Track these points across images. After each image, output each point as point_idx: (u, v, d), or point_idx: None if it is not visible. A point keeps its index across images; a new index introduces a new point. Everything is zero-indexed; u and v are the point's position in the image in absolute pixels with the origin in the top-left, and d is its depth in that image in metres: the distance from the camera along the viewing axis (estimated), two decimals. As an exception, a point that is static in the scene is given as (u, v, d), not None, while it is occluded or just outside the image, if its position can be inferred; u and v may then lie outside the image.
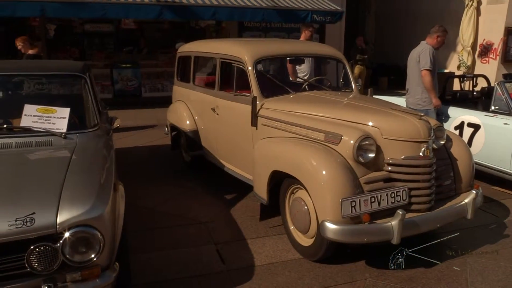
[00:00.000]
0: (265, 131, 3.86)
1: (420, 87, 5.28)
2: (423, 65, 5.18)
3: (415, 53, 5.38)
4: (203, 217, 4.24)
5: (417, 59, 5.28)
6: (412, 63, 5.38)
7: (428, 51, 5.23)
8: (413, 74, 5.39)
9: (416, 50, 5.41)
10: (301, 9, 9.87)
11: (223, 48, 4.74)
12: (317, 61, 5.57)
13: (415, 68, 5.32)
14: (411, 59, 5.43)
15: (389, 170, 3.20)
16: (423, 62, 5.19)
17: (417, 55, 5.30)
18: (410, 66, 5.46)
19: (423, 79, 5.20)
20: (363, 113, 3.47)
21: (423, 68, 5.18)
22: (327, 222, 2.96)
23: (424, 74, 5.18)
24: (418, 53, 5.29)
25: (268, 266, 3.36)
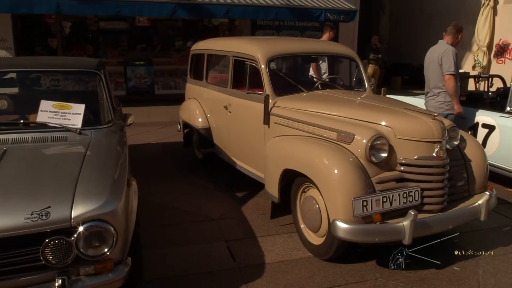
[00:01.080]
0: (277, 129, 3.87)
1: (443, 90, 4.96)
2: (447, 69, 4.84)
3: (435, 54, 5.01)
4: (215, 214, 4.27)
5: (439, 61, 4.91)
6: (433, 65, 5.01)
7: (451, 53, 4.88)
8: (433, 77, 5.03)
9: (437, 50, 5.03)
10: (315, 7, 9.83)
11: (236, 46, 4.75)
12: (330, 60, 5.55)
13: (437, 70, 4.96)
14: (432, 60, 5.05)
15: (401, 170, 3.19)
16: (446, 66, 4.85)
17: (438, 57, 4.92)
18: (430, 68, 5.08)
19: (447, 84, 4.88)
20: (376, 112, 3.46)
21: (447, 72, 4.84)
22: (338, 221, 2.95)
23: (448, 78, 4.85)
24: (440, 54, 4.92)
25: (278, 264, 3.37)
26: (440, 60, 4.90)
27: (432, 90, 5.10)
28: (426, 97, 5.25)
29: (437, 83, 5.00)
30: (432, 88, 5.08)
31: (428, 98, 5.18)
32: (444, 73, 4.87)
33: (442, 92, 4.98)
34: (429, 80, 5.14)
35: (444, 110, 4.91)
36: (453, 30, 5.11)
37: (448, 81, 4.88)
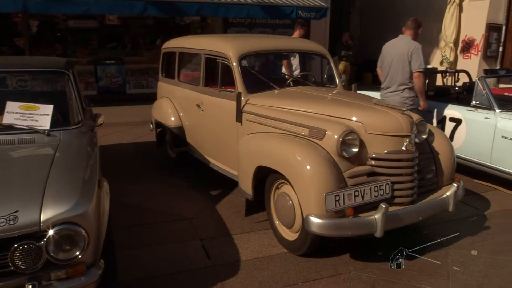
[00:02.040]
0: (250, 126, 3.88)
1: (408, 86, 5.00)
2: (418, 66, 4.88)
3: (402, 50, 4.97)
4: (189, 213, 4.25)
5: (408, 58, 4.91)
6: (400, 61, 4.97)
7: (420, 50, 4.92)
8: (400, 73, 5.00)
9: (402, 46, 5.01)
10: (286, 5, 9.88)
11: (207, 44, 4.74)
12: (302, 57, 5.60)
13: (405, 67, 4.95)
14: (398, 56, 5.00)
15: (372, 164, 3.25)
16: (417, 63, 4.88)
17: (408, 53, 4.91)
18: (395, 63, 5.03)
19: (417, 81, 4.93)
20: (347, 108, 3.51)
21: (418, 69, 4.88)
22: (311, 216, 2.99)
23: (418, 75, 4.90)
24: (409, 51, 4.91)
25: (253, 261, 3.38)
26: (410, 57, 4.91)
27: (395, 85, 5.06)
28: (386, 92, 5.18)
29: (404, 80, 5.00)
30: (399, 84, 5.04)
31: (390, 93, 5.11)
32: (415, 70, 4.92)
33: (408, 89, 5.02)
34: (393, 75, 5.08)
35: (408, 106, 4.88)
36: (414, 25, 5.14)
37: (418, 78, 4.94)
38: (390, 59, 5.11)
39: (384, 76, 5.21)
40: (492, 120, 4.78)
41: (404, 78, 5.00)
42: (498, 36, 11.98)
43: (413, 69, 4.93)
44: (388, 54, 5.16)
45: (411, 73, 4.95)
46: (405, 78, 4.99)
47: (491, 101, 4.90)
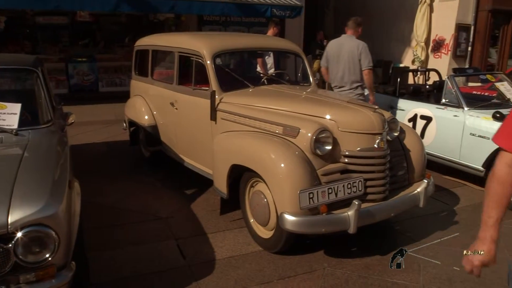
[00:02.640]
0: (224, 125, 3.87)
1: (360, 84, 5.22)
2: (367, 64, 5.12)
3: (352, 49, 5.14)
4: (163, 212, 4.21)
5: (358, 56, 5.11)
6: (350, 59, 5.16)
7: (367, 48, 5.16)
8: (351, 71, 5.17)
9: (350, 45, 5.18)
10: (261, 3, 9.89)
11: (181, 42, 4.70)
12: (276, 56, 5.62)
13: (356, 65, 5.15)
14: (348, 55, 5.16)
15: (345, 161, 3.29)
16: (366, 61, 5.12)
17: (357, 52, 5.11)
18: (344, 62, 5.18)
19: (367, 78, 5.15)
20: (320, 106, 3.55)
21: (368, 67, 5.12)
22: (286, 214, 3.01)
23: (368, 72, 5.14)
24: (359, 50, 5.12)
25: (229, 260, 3.38)
26: (359, 55, 5.11)
27: (350, 84, 5.22)
28: (340, 91, 5.27)
29: (356, 78, 5.18)
30: (352, 82, 5.20)
31: (346, 92, 5.21)
32: (365, 68, 5.12)
33: (360, 86, 5.24)
34: (345, 74, 5.21)
35: None
36: (354, 25, 5.33)
37: (368, 75, 5.16)
38: (339, 58, 5.25)
39: (333, 75, 5.34)
40: (461, 117, 4.91)
41: (356, 76, 5.19)
42: (467, 36, 12.31)
43: (363, 67, 5.13)
44: (335, 54, 5.29)
45: (361, 71, 5.15)
46: (357, 76, 5.19)
47: (460, 99, 5.03)
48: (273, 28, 6.64)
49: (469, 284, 3.12)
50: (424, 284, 3.12)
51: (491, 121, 4.63)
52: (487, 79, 5.74)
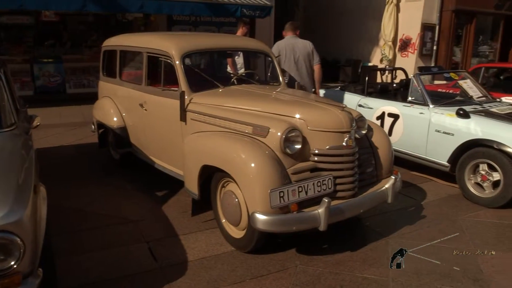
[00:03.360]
0: (194, 125, 3.85)
1: (311, 79, 5.80)
2: (318, 60, 5.77)
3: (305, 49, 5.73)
4: (134, 215, 4.15)
5: (310, 55, 5.72)
6: (306, 58, 5.72)
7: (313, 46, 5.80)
8: (307, 69, 5.75)
9: (302, 45, 5.77)
10: (231, 3, 9.88)
11: (149, 42, 4.64)
12: (246, 55, 5.62)
13: (309, 62, 5.75)
14: (303, 54, 5.71)
15: (315, 160, 3.33)
16: (317, 58, 5.77)
17: (310, 51, 5.74)
18: (301, 61, 5.70)
19: (318, 72, 5.80)
20: (290, 105, 3.57)
21: (319, 62, 5.78)
22: (257, 213, 3.02)
23: (319, 67, 5.79)
24: (311, 49, 5.75)
25: (201, 261, 3.37)
26: (312, 53, 5.77)
27: (304, 80, 5.73)
28: None
29: (309, 74, 5.80)
30: (308, 79, 5.79)
31: None
32: (317, 63, 5.80)
33: (310, 81, 5.84)
34: (302, 72, 5.74)
35: None
36: (292, 27, 5.95)
37: (319, 70, 5.83)
38: (295, 57, 5.72)
39: (292, 73, 5.73)
40: (426, 115, 5.05)
41: (309, 72, 5.81)
42: (432, 35, 12.67)
43: (315, 63, 5.80)
44: (290, 53, 5.73)
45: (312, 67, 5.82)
46: (310, 72, 5.82)
47: (425, 97, 5.16)
48: (242, 28, 6.67)
49: (435, 276, 3.21)
50: (393, 277, 3.19)
51: (455, 118, 4.77)
52: (450, 77, 5.91)
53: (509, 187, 4.32)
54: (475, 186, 4.65)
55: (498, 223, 4.19)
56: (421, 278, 3.19)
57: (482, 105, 5.14)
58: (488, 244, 3.75)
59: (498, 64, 11.95)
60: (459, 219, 4.23)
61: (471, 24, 13.55)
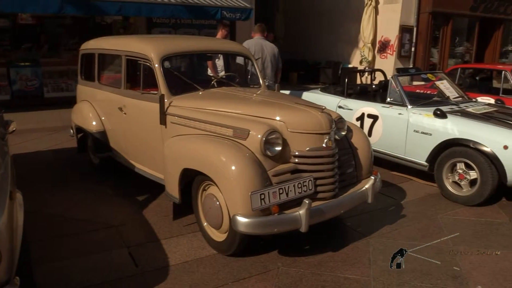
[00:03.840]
0: (175, 129, 3.83)
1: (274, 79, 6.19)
2: (281, 65, 6.26)
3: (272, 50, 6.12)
4: (114, 220, 4.10)
5: (276, 56, 6.11)
6: (272, 59, 6.08)
7: None
8: (271, 67, 6.09)
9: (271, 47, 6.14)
10: (211, 5, 9.87)
11: (128, 45, 4.60)
12: (226, 58, 5.62)
13: (275, 63, 6.12)
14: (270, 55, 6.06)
15: (295, 162, 3.34)
16: (280, 61, 6.25)
17: (276, 52, 6.13)
18: (268, 61, 6.01)
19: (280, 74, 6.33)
20: (270, 108, 3.58)
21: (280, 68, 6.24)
22: (238, 216, 3.02)
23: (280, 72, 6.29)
24: (276, 51, 6.14)
25: (183, 265, 3.35)
26: (277, 56, 6.18)
27: (270, 79, 6.06)
28: None
29: (274, 74, 6.19)
30: (273, 78, 6.14)
31: None
32: (280, 66, 6.24)
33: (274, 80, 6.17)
34: (268, 72, 6.07)
35: None
36: (261, 29, 6.31)
37: (280, 72, 6.34)
38: (262, 57, 6.02)
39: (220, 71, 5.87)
40: (405, 115, 5.12)
41: (274, 73, 6.19)
42: (410, 37, 12.88)
43: (279, 66, 6.22)
44: (257, 52, 6.00)
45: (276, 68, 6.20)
46: (274, 73, 6.20)
47: (404, 98, 5.24)
48: (221, 31, 6.67)
49: (416, 275, 3.26)
50: (374, 277, 3.22)
51: (432, 118, 4.86)
52: (428, 78, 6.02)
53: (486, 185, 4.42)
54: (453, 185, 4.74)
55: (476, 220, 4.28)
56: (402, 277, 3.23)
57: (458, 105, 5.25)
58: (466, 241, 3.83)
59: (474, 65, 12.22)
60: (438, 218, 4.31)
61: (448, 26, 13.83)
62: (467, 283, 3.17)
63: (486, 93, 7.06)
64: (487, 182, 4.41)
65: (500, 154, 4.31)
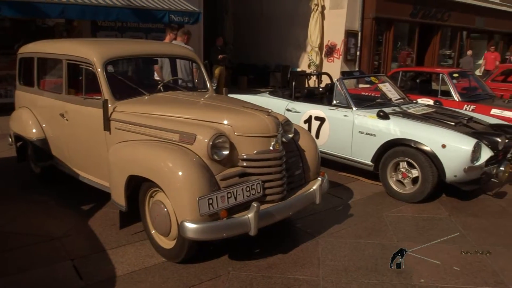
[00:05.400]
0: (120, 135, 3.72)
1: None
2: None
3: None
4: (57, 232, 3.92)
5: None
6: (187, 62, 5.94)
7: None
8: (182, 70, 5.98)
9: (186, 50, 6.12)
10: (158, 9, 9.74)
11: (69, 49, 4.43)
12: (173, 62, 5.55)
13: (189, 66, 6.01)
14: None
15: (243, 165, 3.34)
16: None
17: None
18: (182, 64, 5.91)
19: None
20: (217, 112, 3.56)
21: None
22: (186, 222, 2.97)
23: None
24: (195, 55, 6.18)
25: (130, 275, 3.25)
26: None
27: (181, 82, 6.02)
28: None
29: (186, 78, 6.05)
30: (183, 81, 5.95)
31: None
32: None
33: None
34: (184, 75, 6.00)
35: None
36: (181, 33, 6.77)
37: None
38: None
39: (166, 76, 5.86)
40: (350, 117, 5.27)
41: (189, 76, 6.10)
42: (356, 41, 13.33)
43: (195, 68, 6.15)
44: None
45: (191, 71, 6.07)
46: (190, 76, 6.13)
47: (349, 100, 5.39)
48: (169, 35, 6.62)
49: (363, 272, 3.35)
50: (323, 276, 3.28)
51: (376, 120, 5.03)
52: (371, 81, 6.23)
53: (427, 183, 4.63)
54: (397, 183, 4.93)
55: (418, 216, 4.47)
56: (350, 275, 3.31)
57: (400, 107, 5.47)
58: (409, 237, 3.99)
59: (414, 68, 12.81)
60: (384, 215, 4.46)
61: (390, 31, 14.43)
62: (411, 277, 3.30)
63: (426, 94, 7.40)
64: (427, 180, 4.62)
65: (439, 153, 4.53)
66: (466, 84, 7.93)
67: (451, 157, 4.48)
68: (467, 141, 4.49)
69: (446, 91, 7.25)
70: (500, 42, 20.63)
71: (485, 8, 17.78)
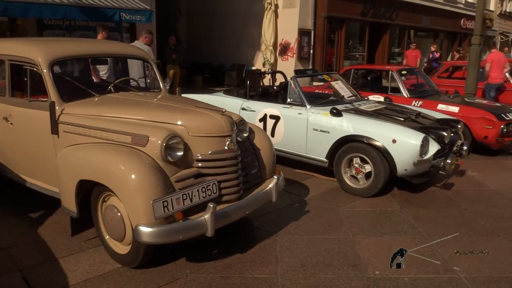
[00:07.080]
0: (69, 138, 3.57)
1: None
2: None
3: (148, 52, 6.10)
4: (4, 242, 3.71)
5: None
6: None
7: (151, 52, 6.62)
8: None
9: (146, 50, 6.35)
10: (108, 7, 9.43)
11: (12, 49, 4.21)
12: (121, 62, 5.38)
13: None
14: None
15: (198, 166, 3.30)
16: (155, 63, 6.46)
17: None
18: None
19: None
20: (169, 112, 3.50)
21: None
22: (141, 226, 2.90)
23: None
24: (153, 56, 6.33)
25: (84, 283, 3.14)
26: None
27: None
28: None
29: None
30: None
31: None
32: None
33: None
34: None
35: None
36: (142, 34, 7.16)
37: None
38: None
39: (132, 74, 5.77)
40: (304, 115, 5.34)
41: None
42: (309, 40, 13.53)
43: None
44: None
45: None
46: None
47: (302, 98, 5.46)
48: (102, 33, 6.35)
49: (320, 267, 3.40)
50: (281, 274, 3.30)
51: (329, 117, 5.13)
52: (324, 79, 6.34)
53: (379, 177, 4.77)
54: (351, 179, 5.05)
55: (372, 210, 4.60)
56: (307, 271, 3.35)
57: (352, 104, 5.60)
58: (364, 230, 4.10)
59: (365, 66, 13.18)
60: (339, 210, 4.55)
61: (342, 30, 14.76)
62: (366, 270, 3.38)
63: (377, 91, 7.63)
64: (380, 174, 4.76)
65: (390, 148, 4.68)
66: (414, 81, 8.25)
67: (401, 151, 4.64)
68: (415, 136, 4.66)
69: (396, 88, 7.51)
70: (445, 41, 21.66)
71: (431, 8, 18.59)
